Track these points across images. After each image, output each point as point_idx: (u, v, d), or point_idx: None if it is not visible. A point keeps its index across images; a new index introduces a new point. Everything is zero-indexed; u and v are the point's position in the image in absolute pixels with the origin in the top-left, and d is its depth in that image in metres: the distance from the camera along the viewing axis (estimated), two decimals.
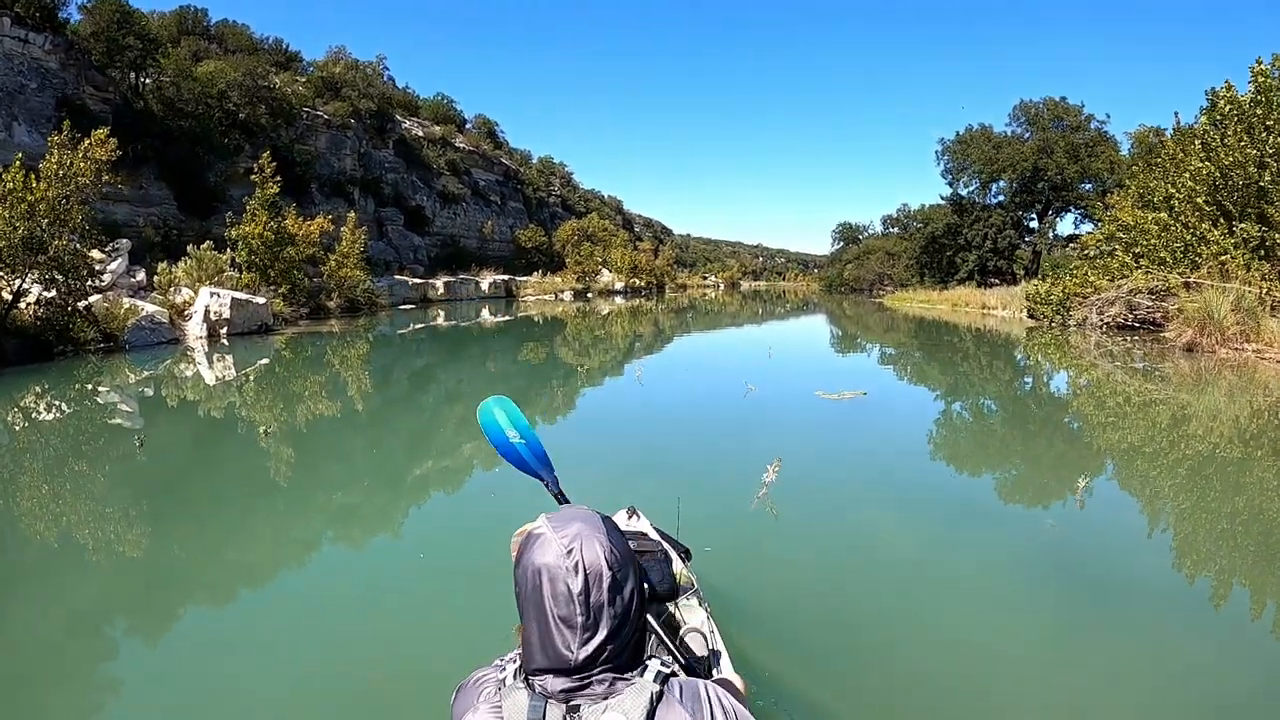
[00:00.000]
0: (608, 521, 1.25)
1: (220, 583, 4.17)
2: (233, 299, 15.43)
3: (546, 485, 2.21)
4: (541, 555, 1.17)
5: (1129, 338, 16.99)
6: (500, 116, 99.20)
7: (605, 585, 1.15)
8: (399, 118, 49.12)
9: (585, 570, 1.15)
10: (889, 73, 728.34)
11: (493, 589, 2.96)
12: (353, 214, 28.91)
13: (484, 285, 41.24)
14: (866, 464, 6.74)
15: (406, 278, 35.42)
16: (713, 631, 2.38)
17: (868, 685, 2.95)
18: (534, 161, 71.60)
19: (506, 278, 44.82)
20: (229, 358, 14.57)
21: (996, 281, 40.03)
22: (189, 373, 12.94)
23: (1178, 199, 16.71)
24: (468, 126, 62.00)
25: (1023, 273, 42.19)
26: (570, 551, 1.16)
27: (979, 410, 10.31)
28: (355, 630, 3.49)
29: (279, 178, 21.29)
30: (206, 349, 15.14)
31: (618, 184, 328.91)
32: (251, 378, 12.39)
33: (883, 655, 3.20)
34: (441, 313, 30.15)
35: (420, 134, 52.07)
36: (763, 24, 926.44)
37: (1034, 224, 43.41)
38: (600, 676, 1.15)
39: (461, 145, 56.27)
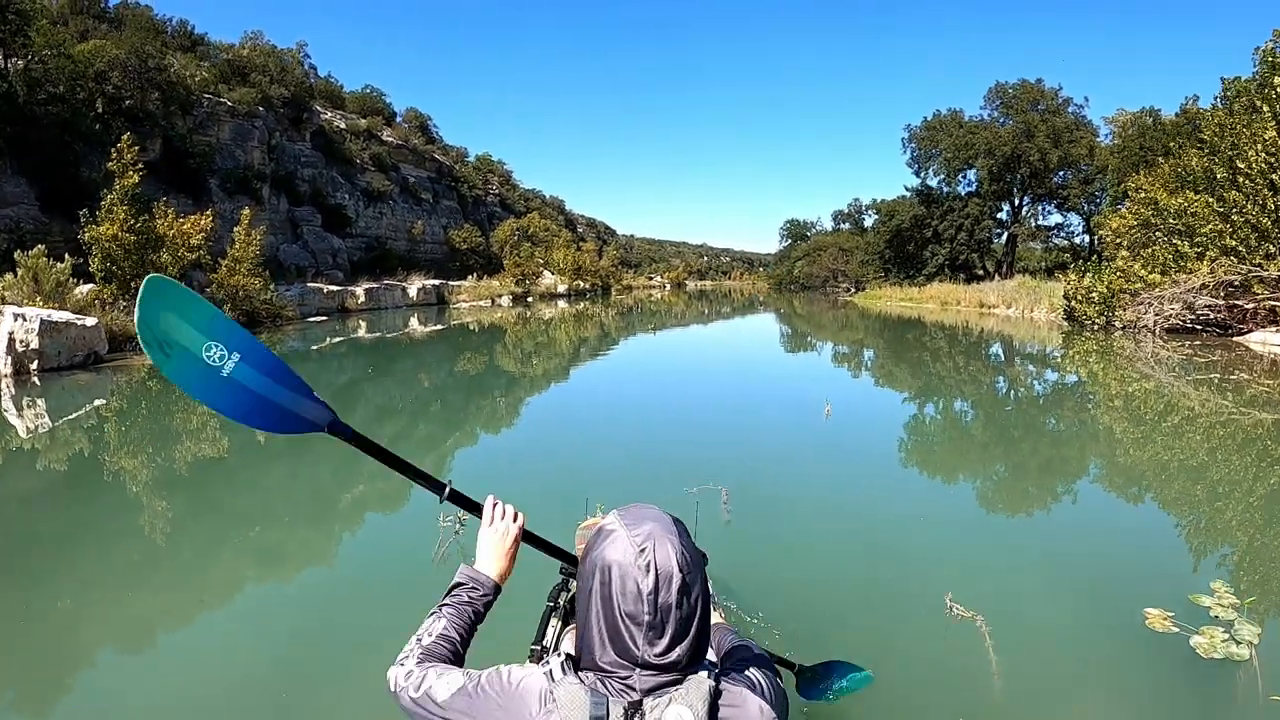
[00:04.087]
0: (679, 524, 1.21)
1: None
2: (43, 322, 11.11)
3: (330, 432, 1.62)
4: (613, 551, 1.15)
5: (1187, 342, 14.16)
6: (436, 114, 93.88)
7: (675, 587, 1.12)
8: (319, 108, 44.52)
9: (657, 571, 1.12)
10: (837, 68, 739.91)
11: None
12: (247, 210, 24.34)
13: (411, 291, 36.91)
14: None
15: (321, 285, 31.01)
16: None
17: (884, 680, 2.56)
18: (471, 159, 67.06)
19: (438, 282, 40.45)
20: (40, 403, 10.55)
21: (963, 276, 37.62)
22: None
23: (1245, 176, 13.86)
24: (398, 120, 57.33)
25: (993, 266, 39.93)
26: (643, 550, 1.13)
27: None
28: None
29: (140, 166, 17.07)
30: (14, 393, 11.02)
31: (560, 185, 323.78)
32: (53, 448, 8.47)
33: (904, 652, 2.87)
34: (363, 324, 26.22)
35: (343, 126, 47.42)
36: (706, 20, 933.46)
37: (1002, 215, 41.14)
38: (667, 675, 1.13)
39: (389, 139, 51.66)
